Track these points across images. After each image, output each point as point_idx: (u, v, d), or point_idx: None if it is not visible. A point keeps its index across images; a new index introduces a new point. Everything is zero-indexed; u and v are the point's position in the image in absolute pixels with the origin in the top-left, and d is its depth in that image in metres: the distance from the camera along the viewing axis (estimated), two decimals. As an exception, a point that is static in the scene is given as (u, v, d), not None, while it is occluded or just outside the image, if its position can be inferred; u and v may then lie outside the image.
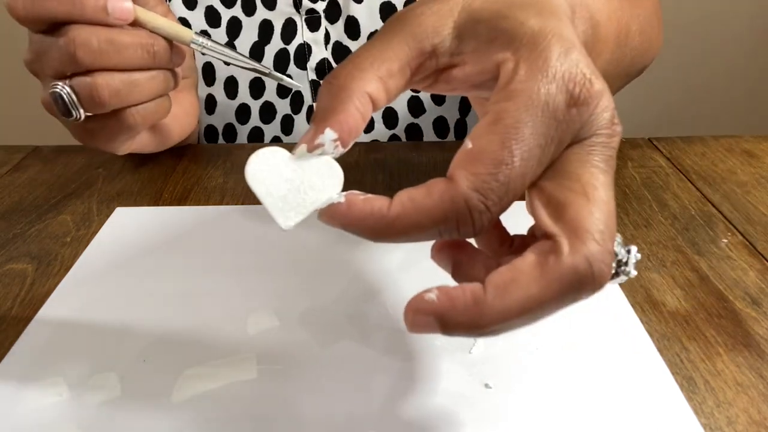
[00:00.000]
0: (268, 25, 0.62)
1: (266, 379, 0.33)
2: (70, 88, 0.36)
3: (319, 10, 0.61)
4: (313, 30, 0.62)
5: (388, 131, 0.65)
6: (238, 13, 0.62)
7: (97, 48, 0.35)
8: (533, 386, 0.32)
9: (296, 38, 0.62)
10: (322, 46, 0.62)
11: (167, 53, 0.37)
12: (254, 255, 0.43)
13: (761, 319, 0.36)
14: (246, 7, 0.62)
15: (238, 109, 0.64)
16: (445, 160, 0.56)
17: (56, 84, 0.36)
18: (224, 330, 0.36)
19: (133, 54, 0.36)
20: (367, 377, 0.33)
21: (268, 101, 0.64)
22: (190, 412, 0.31)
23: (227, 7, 0.62)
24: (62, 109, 0.36)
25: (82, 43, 0.34)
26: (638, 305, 0.38)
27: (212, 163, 0.57)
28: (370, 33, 0.62)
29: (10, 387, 0.32)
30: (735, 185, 0.51)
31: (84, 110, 0.37)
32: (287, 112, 0.65)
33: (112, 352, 0.35)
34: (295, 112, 0.65)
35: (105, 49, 0.35)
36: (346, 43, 0.62)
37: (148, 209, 0.49)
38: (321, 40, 0.62)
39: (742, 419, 0.30)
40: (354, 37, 0.62)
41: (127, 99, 0.37)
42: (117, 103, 0.36)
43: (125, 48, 0.35)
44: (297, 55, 0.63)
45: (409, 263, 0.41)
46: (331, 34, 0.62)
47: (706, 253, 0.42)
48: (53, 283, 0.41)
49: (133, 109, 0.38)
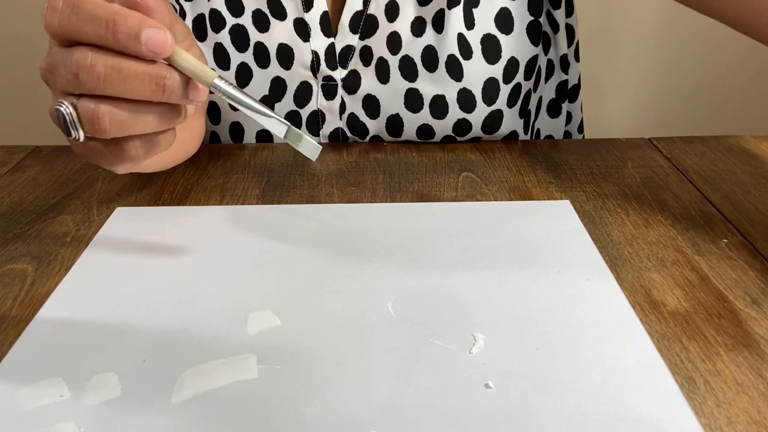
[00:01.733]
0: (281, 83, 0.59)
1: (266, 378, 0.33)
2: (74, 108, 0.34)
3: (336, 79, 0.59)
4: (329, 98, 0.60)
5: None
6: (250, 60, 0.59)
7: (102, 73, 0.33)
8: (533, 386, 0.32)
9: (310, 104, 0.60)
10: (336, 115, 0.60)
11: (180, 89, 0.34)
12: (254, 254, 0.43)
13: (761, 319, 0.36)
14: (258, 57, 0.59)
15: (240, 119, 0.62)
16: (445, 160, 0.56)
17: (62, 101, 0.35)
18: (224, 330, 0.36)
19: (139, 85, 0.33)
20: (367, 377, 0.33)
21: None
22: (191, 412, 0.31)
23: (239, 51, 0.59)
24: (63, 127, 0.35)
25: (88, 66, 0.33)
26: (638, 305, 0.38)
27: (212, 163, 0.57)
28: (390, 116, 0.59)
29: (10, 387, 0.32)
30: (735, 185, 0.51)
31: (84, 132, 0.35)
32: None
33: (112, 352, 0.35)
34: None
35: (110, 75, 0.33)
36: (363, 119, 0.60)
37: (148, 209, 0.49)
38: (336, 110, 0.60)
39: (742, 419, 0.30)
40: (372, 116, 0.60)
41: (129, 129, 0.35)
42: (117, 132, 0.35)
43: (132, 78, 0.33)
44: (310, 121, 0.60)
45: (410, 263, 0.41)
46: (347, 105, 0.60)
47: (706, 253, 0.42)
48: (53, 283, 0.41)
49: (136, 140, 0.36)
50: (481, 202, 0.49)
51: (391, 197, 0.50)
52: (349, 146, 0.60)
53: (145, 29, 0.32)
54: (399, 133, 0.61)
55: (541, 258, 0.42)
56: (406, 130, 0.60)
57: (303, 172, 0.54)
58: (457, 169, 0.55)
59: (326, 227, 0.46)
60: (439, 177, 0.53)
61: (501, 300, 0.38)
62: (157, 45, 0.32)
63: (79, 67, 0.33)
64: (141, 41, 0.32)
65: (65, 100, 0.34)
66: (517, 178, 0.53)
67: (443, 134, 0.60)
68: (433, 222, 0.46)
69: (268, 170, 0.55)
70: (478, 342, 0.35)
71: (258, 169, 0.55)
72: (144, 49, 0.32)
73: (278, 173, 0.54)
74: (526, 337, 0.35)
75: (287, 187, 0.52)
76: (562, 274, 0.40)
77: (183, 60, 0.34)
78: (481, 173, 0.54)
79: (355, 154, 0.58)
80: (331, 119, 0.61)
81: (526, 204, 0.49)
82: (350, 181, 0.53)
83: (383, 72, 0.58)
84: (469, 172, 0.54)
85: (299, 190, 0.51)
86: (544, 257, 0.42)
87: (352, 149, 0.59)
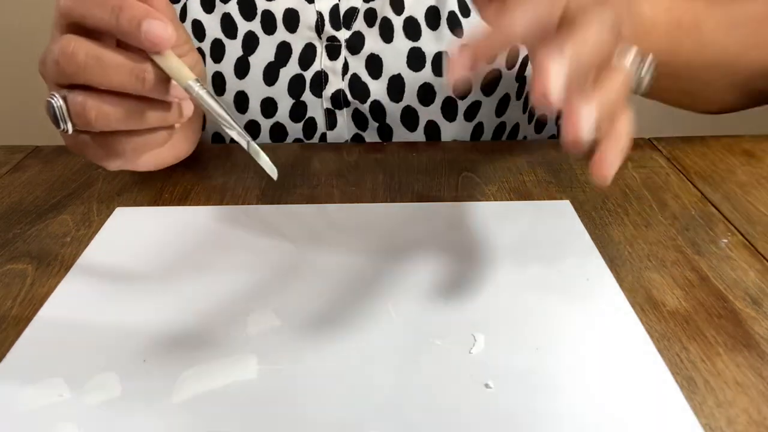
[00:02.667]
0: (286, 48, 0.60)
1: (267, 379, 0.33)
2: (64, 100, 0.35)
3: (340, 39, 0.60)
4: (332, 58, 0.60)
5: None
6: (257, 28, 0.60)
7: (82, 61, 0.33)
8: (533, 386, 0.32)
9: (314, 65, 0.61)
10: (339, 76, 0.61)
11: (160, 84, 0.34)
12: (254, 254, 0.43)
13: (761, 319, 0.36)
14: (266, 25, 0.60)
15: (246, 124, 0.63)
16: (445, 160, 0.56)
17: (54, 94, 0.35)
18: (224, 330, 0.36)
19: (117, 75, 0.34)
20: (367, 377, 0.33)
21: (279, 122, 0.63)
22: (191, 412, 0.31)
23: (246, 20, 0.60)
24: (52, 118, 0.36)
25: (69, 53, 0.33)
26: (638, 305, 0.38)
27: (212, 163, 0.57)
28: (392, 76, 0.60)
29: (10, 387, 0.32)
30: (735, 185, 0.51)
31: (72, 125, 0.36)
32: (299, 136, 0.64)
33: (112, 352, 0.35)
34: (308, 137, 0.64)
35: (90, 64, 0.33)
36: (365, 79, 0.61)
37: (148, 209, 0.49)
38: (339, 70, 0.61)
39: (742, 419, 0.30)
40: (375, 76, 0.60)
41: (116, 124, 0.35)
42: (104, 125, 0.35)
43: (111, 67, 0.33)
44: (313, 82, 0.61)
45: (411, 263, 0.41)
46: (350, 65, 0.61)
47: (706, 253, 0.42)
48: (53, 283, 0.41)
49: (123, 136, 0.36)
50: (481, 202, 0.49)
51: (391, 197, 0.50)
52: (349, 146, 0.60)
53: (147, 20, 0.32)
54: (400, 97, 0.61)
55: (541, 258, 0.42)
56: (407, 92, 0.60)
57: (303, 172, 0.54)
58: (457, 169, 0.55)
59: (326, 227, 0.46)
60: (439, 177, 0.53)
61: (501, 300, 0.38)
62: (156, 36, 0.33)
63: (61, 53, 0.33)
64: (141, 30, 0.32)
65: (57, 93, 0.35)
66: (517, 178, 0.53)
67: (443, 95, 0.60)
68: (432, 222, 0.46)
69: (268, 170, 0.55)
70: (478, 342, 0.35)
71: (258, 169, 0.55)
72: (143, 38, 0.33)
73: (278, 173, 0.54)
74: (526, 337, 0.35)
75: (287, 187, 0.52)
76: (562, 274, 0.40)
77: (165, 59, 0.34)
78: (481, 173, 0.54)
79: (355, 154, 0.58)
80: (334, 80, 0.61)
81: (526, 204, 0.49)
82: (350, 181, 0.53)
83: (387, 32, 0.59)
84: (469, 172, 0.54)
85: (299, 190, 0.51)
86: (544, 257, 0.42)
87: (352, 149, 0.59)
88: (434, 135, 0.62)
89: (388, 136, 0.63)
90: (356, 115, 0.62)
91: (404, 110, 0.61)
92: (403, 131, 0.62)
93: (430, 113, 0.61)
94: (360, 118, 0.63)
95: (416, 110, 0.61)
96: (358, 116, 0.62)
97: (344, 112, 0.62)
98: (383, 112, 0.61)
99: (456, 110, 0.61)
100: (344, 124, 0.63)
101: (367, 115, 0.62)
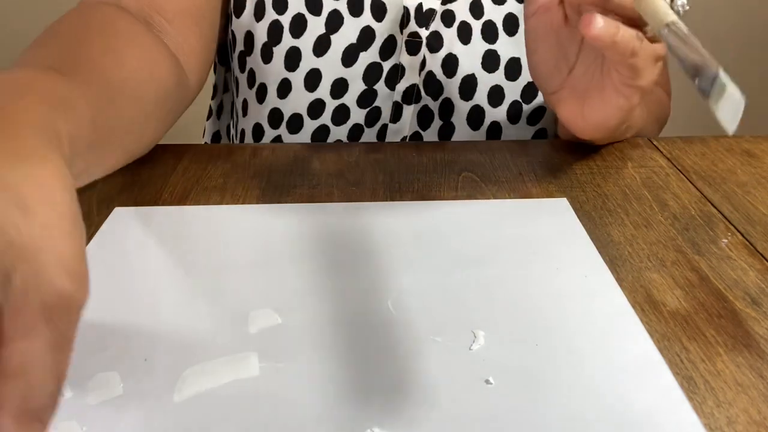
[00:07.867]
0: (370, 34, 0.60)
1: (268, 376, 0.33)
2: None
3: (422, 36, 0.61)
4: (411, 54, 0.61)
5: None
6: (343, 8, 0.60)
7: None
8: (534, 383, 0.32)
9: (393, 57, 0.61)
10: (416, 71, 0.62)
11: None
12: (255, 254, 0.43)
13: (761, 319, 0.36)
14: (353, 7, 0.60)
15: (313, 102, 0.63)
16: (445, 160, 0.56)
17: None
18: (225, 328, 0.36)
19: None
20: (367, 375, 0.33)
21: (345, 105, 0.63)
22: (192, 411, 0.31)
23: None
24: None
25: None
26: (638, 305, 0.38)
27: (212, 163, 0.57)
28: (465, 76, 0.61)
29: (10, 386, 0.32)
30: (735, 185, 0.51)
31: None
32: (360, 122, 0.64)
33: (113, 352, 0.35)
34: (369, 125, 0.64)
35: None
36: (440, 77, 0.62)
37: (148, 209, 0.49)
38: (416, 66, 0.61)
39: (742, 419, 0.30)
40: (449, 75, 0.62)
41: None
42: None
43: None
44: (389, 75, 0.62)
45: (410, 261, 0.42)
46: (428, 62, 0.62)
47: (706, 253, 0.42)
48: (54, 283, 0.40)
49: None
50: (479, 200, 0.49)
51: (391, 197, 0.50)
52: (349, 146, 0.60)
53: None
54: (470, 96, 0.62)
55: (540, 255, 0.42)
56: (478, 92, 0.62)
57: (303, 172, 0.54)
58: (457, 169, 0.55)
59: (326, 227, 0.46)
60: (439, 177, 0.53)
61: (500, 297, 0.38)
62: None
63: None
64: None
65: None
66: (517, 178, 0.53)
67: (512, 98, 0.62)
68: (432, 220, 0.46)
69: (268, 170, 0.55)
70: (478, 339, 0.35)
71: (258, 169, 0.55)
72: None
73: (278, 173, 0.54)
74: (526, 334, 0.35)
75: (287, 187, 0.52)
76: (561, 270, 0.40)
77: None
78: (481, 173, 0.54)
79: (355, 154, 0.58)
80: (410, 74, 0.62)
81: (524, 202, 0.49)
82: (350, 181, 0.53)
83: (465, 34, 0.61)
84: (469, 172, 0.54)
85: (299, 190, 0.51)
86: (542, 254, 0.42)
87: (352, 149, 0.59)
88: (496, 136, 0.64)
89: (448, 135, 0.64)
90: (423, 112, 0.63)
91: (472, 109, 0.62)
92: (467, 130, 0.63)
93: (495, 115, 0.62)
94: (426, 114, 0.63)
95: (484, 110, 0.62)
96: (424, 112, 0.63)
97: (412, 108, 0.63)
98: (451, 110, 0.63)
99: (521, 114, 0.63)
100: (408, 119, 0.64)
101: (434, 112, 0.63)
